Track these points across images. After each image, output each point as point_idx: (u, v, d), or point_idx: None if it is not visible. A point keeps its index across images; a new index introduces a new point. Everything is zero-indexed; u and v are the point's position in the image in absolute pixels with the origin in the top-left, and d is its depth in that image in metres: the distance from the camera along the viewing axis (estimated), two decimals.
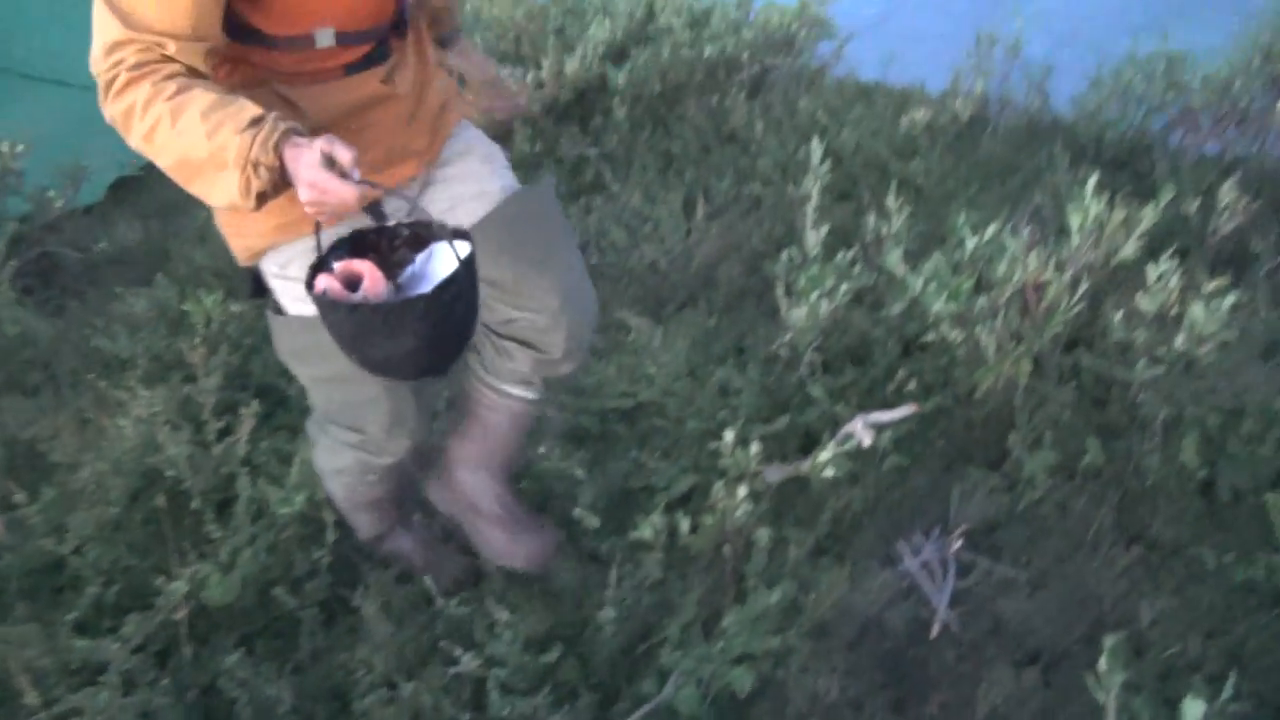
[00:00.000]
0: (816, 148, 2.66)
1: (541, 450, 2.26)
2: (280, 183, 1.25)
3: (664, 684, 1.75)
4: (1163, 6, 4.09)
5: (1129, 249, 2.26)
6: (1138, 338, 2.15)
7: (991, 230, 2.36)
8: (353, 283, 1.32)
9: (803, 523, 2.09)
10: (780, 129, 3.90)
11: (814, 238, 2.56)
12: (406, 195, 1.37)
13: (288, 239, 1.51)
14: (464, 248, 1.36)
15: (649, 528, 1.93)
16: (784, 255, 2.58)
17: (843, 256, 2.46)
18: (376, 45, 1.48)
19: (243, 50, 1.38)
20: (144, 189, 4.15)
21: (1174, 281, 2.17)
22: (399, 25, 1.51)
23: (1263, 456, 2.08)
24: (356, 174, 1.21)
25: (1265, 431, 2.12)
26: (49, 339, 2.98)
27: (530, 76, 3.89)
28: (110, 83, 1.25)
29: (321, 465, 1.89)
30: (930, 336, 2.32)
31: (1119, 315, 2.20)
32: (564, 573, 1.99)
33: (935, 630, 1.89)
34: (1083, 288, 2.21)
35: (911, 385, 2.37)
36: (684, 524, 1.94)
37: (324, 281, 1.33)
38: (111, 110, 1.26)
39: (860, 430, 1.94)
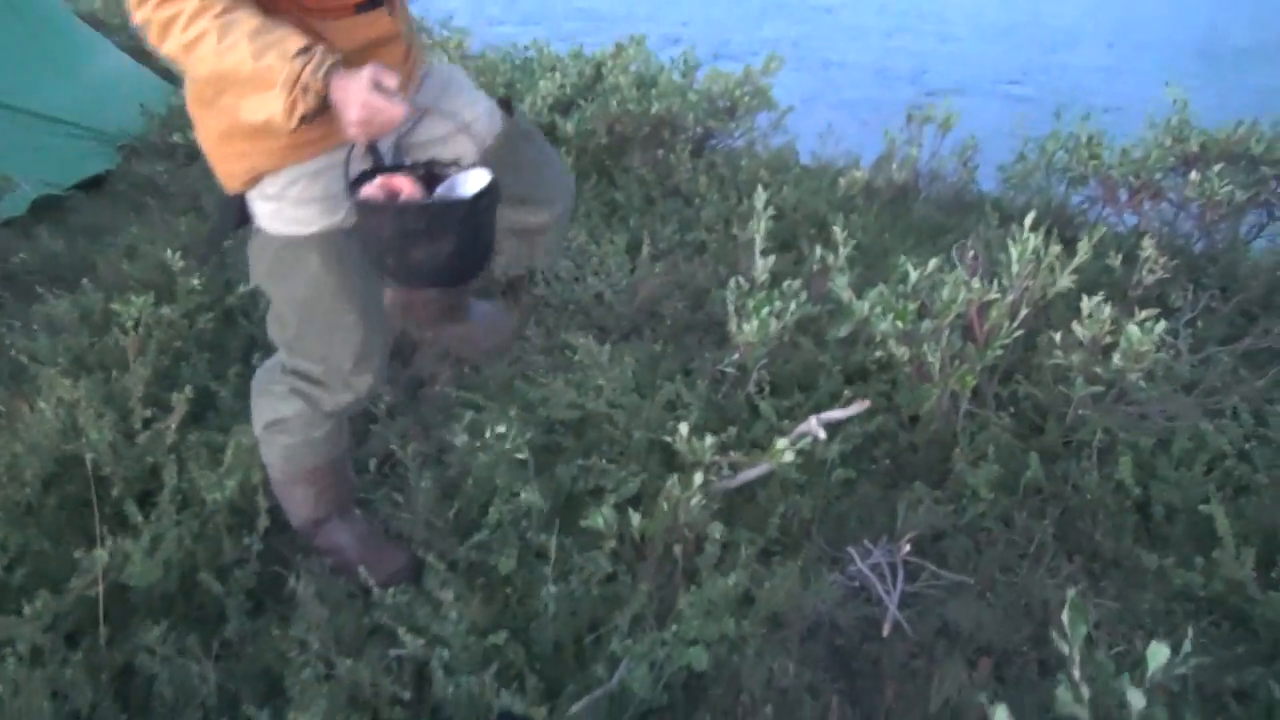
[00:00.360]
0: (761, 194, 2.73)
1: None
2: (322, 109, 1.39)
3: (614, 671, 1.68)
4: (1085, 90, 4.37)
5: (1064, 281, 2.36)
6: (1075, 360, 2.23)
7: (933, 264, 2.45)
8: (392, 196, 1.48)
9: (753, 527, 2.07)
10: (723, 184, 4.01)
11: (761, 265, 2.61)
12: (441, 108, 1.59)
13: (297, 160, 1.57)
14: (487, 174, 1.55)
15: (599, 518, 1.89)
16: (732, 282, 2.62)
17: (789, 285, 2.52)
18: None
19: None
20: (69, 209, 4.03)
21: (1106, 312, 2.28)
22: None
23: (1194, 477, 2.16)
24: (399, 96, 1.38)
25: (1194, 455, 2.21)
26: None
27: None
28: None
29: (265, 418, 1.84)
30: (878, 354, 2.36)
31: (1058, 335, 2.28)
32: (508, 564, 1.92)
33: (887, 629, 1.87)
34: (1023, 313, 2.29)
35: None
36: (635, 518, 1.91)
37: (369, 189, 1.48)
38: (151, 14, 1.34)
39: (814, 427, 1.95)
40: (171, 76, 5.99)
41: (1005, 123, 4.03)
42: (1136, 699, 1.21)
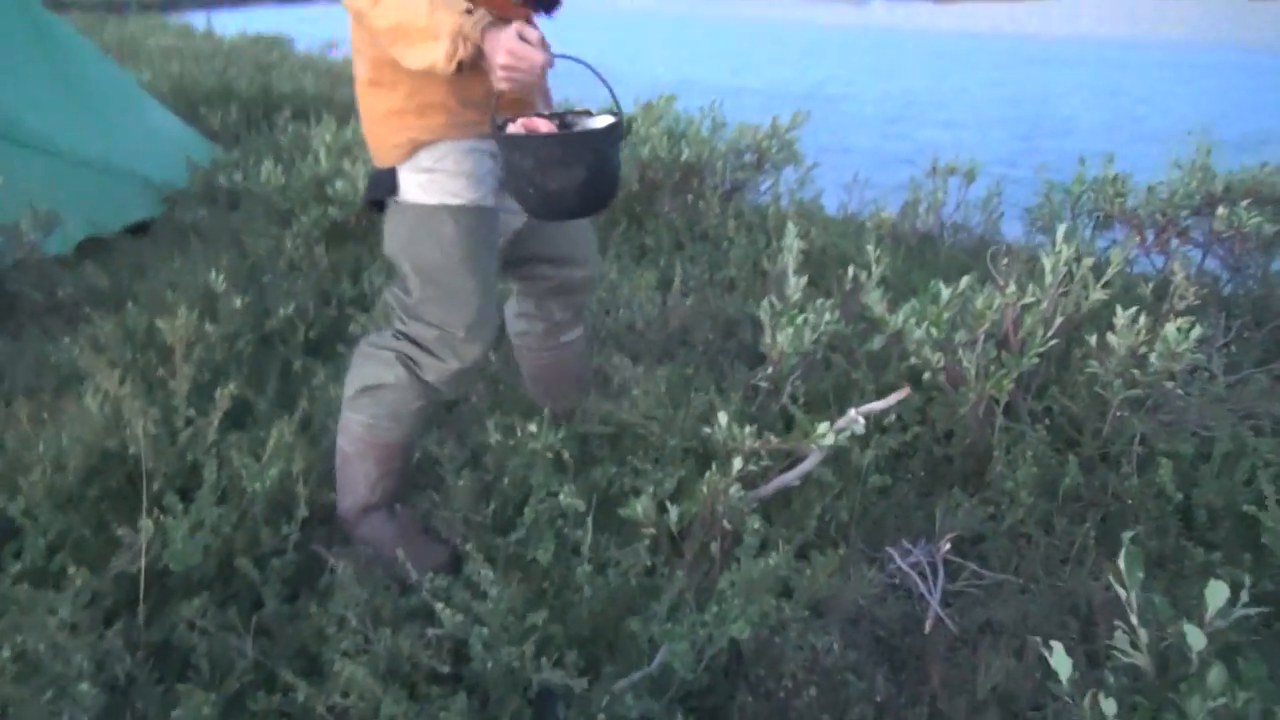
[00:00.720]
0: (791, 228, 2.79)
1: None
2: (476, 59, 1.63)
3: (654, 655, 1.66)
4: (1110, 134, 4.43)
5: (1097, 294, 2.38)
6: (1111, 364, 2.23)
7: (965, 280, 2.48)
8: (533, 132, 1.72)
9: (790, 526, 2.06)
10: (751, 230, 4.08)
11: (794, 283, 2.64)
12: (580, 59, 1.71)
13: (454, 137, 1.83)
14: (610, 117, 1.80)
15: (637, 507, 1.88)
16: (765, 301, 2.65)
17: (821, 303, 2.54)
18: (539, 6, 1.90)
19: None
20: (114, 249, 4.14)
21: (1141, 320, 2.28)
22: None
23: (1235, 484, 2.13)
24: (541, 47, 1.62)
25: (1235, 462, 2.19)
26: (1, 354, 2.89)
27: None
28: None
29: (363, 382, 1.98)
30: (912, 362, 2.37)
31: (1094, 340, 2.29)
32: (546, 555, 1.91)
33: (929, 624, 1.84)
34: (1057, 322, 2.30)
35: (891, 418, 2.40)
36: (673, 512, 1.91)
37: (514, 127, 1.72)
38: None
39: (855, 416, 1.95)
40: (215, 135, 6.22)
41: (1028, 168, 4.09)
42: (1196, 639, 1.19)
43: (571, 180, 1.70)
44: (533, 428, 2.08)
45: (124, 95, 5.28)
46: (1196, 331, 2.19)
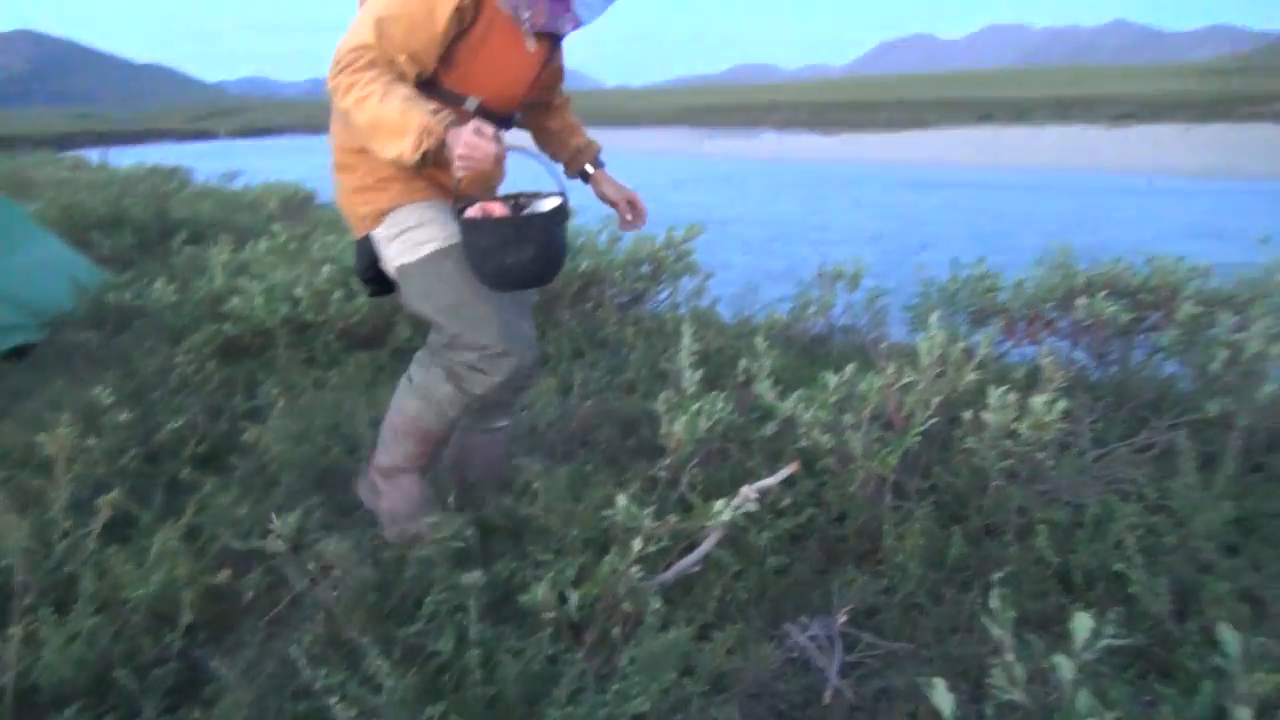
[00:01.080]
0: (687, 326, 2.90)
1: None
2: (438, 153, 1.89)
3: None
4: (971, 249, 4.75)
5: (971, 375, 2.53)
6: (986, 437, 2.35)
7: (850, 369, 2.61)
8: (489, 215, 1.97)
9: (692, 607, 2.07)
10: (650, 336, 4.19)
11: (689, 376, 2.72)
12: (534, 153, 2.08)
13: (410, 201, 2.15)
14: (558, 199, 2.06)
15: (537, 592, 1.88)
16: (662, 394, 2.72)
17: (716, 394, 2.63)
18: (499, 122, 2.15)
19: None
20: None
21: (1012, 399, 2.43)
22: (510, 123, 2.28)
23: (1106, 547, 2.24)
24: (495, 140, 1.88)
25: (1106, 527, 2.31)
26: None
27: None
28: (350, 63, 1.92)
29: (420, 379, 2.28)
30: (803, 444, 2.45)
31: (969, 417, 2.41)
32: (447, 645, 1.88)
33: (828, 696, 1.86)
34: (935, 401, 2.43)
35: (786, 502, 2.46)
36: (574, 597, 1.91)
37: (472, 211, 1.98)
38: (340, 79, 1.93)
39: (749, 493, 2.00)
40: (106, 261, 6.12)
41: (908, 268, 4.34)
42: (1067, 669, 1.25)
43: (523, 255, 1.94)
44: (434, 518, 2.07)
45: (5, 224, 5.18)
46: (1061, 404, 2.34)
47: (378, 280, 2.32)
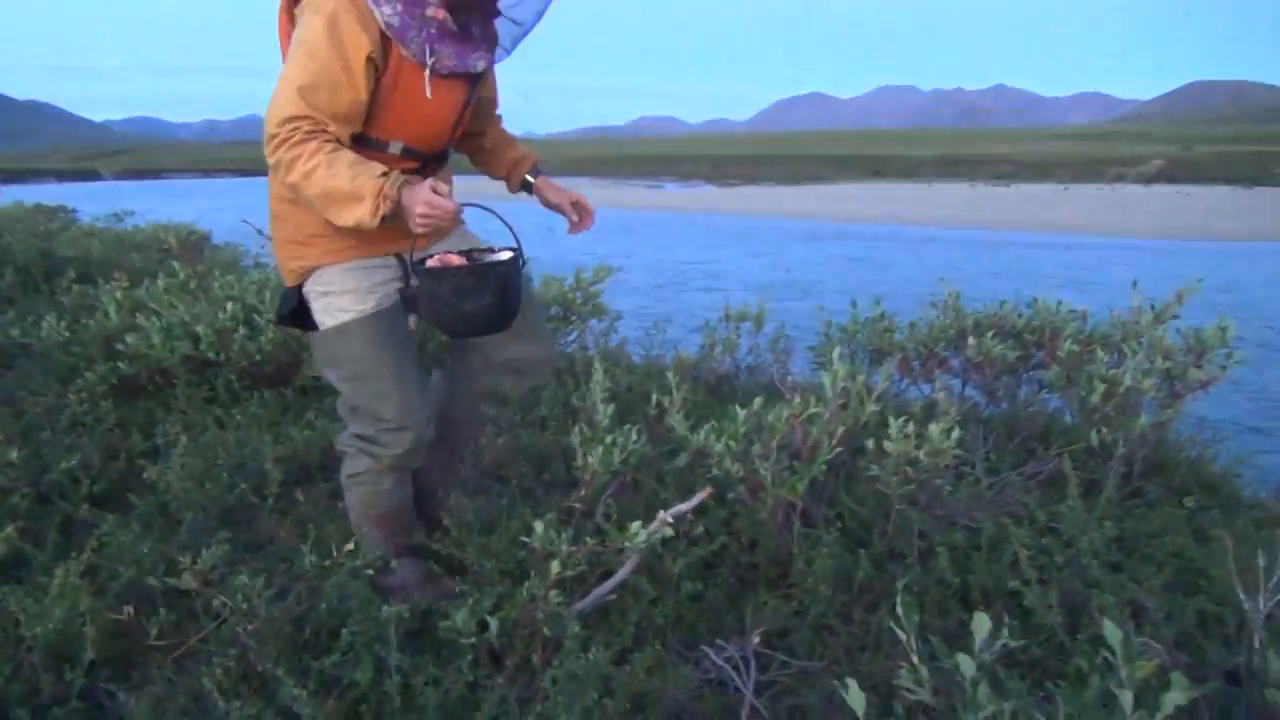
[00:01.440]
0: (598, 364, 2.95)
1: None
2: (395, 212, 1.92)
3: None
4: (869, 287, 4.95)
5: (873, 406, 2.65)
6: (888, 463, 2.47)
7: (759, 401, 2.70)
8: (447, 265, 2.06)
9: (610, 633, 2.10)
10: (560, 374, 4.22)
11: (603, 410, 2.78)
12: (489, 206, 2.07)
13: (332, 261, 2.18)
14: (512, 250, 2.18)
15: (456, 619, 1.88)
16: (576, 428, 2.76)
17: (628, 427, 2.68)
18: (425, 164, 2.22)
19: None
20: None
21: (911, 428, 2.55)
22: (443, 157, 2.31)
23: (1002, 566, 2.37)
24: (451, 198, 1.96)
25: (1001, 549, 2.44)
26: None
27: None
28: (286, 139, 1.92)
29: (346, 471, 2.33)
30: (714, 473, 2.52)
31: (871, 445, 2.52)
32: (365, 675, 1.86)
33: (745, 715, 1.91)
34: (839, 431, 2.53)
35: (699, 530, 2.52)
36: (493, 624, 1.92)
37: (431, 262, 2.05)
38: (281, 155, 1.92)
39: (664, 517, 2.05)
40: None
41: (809, 312, 4.50)
42: (968, 666, 1.33)
43: (481, 303, 2.02)
44: (350, 546, 2.05)
45: None
46: (956, 433, 2.48)
47: (295, 322, 2.31)
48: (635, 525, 2.05)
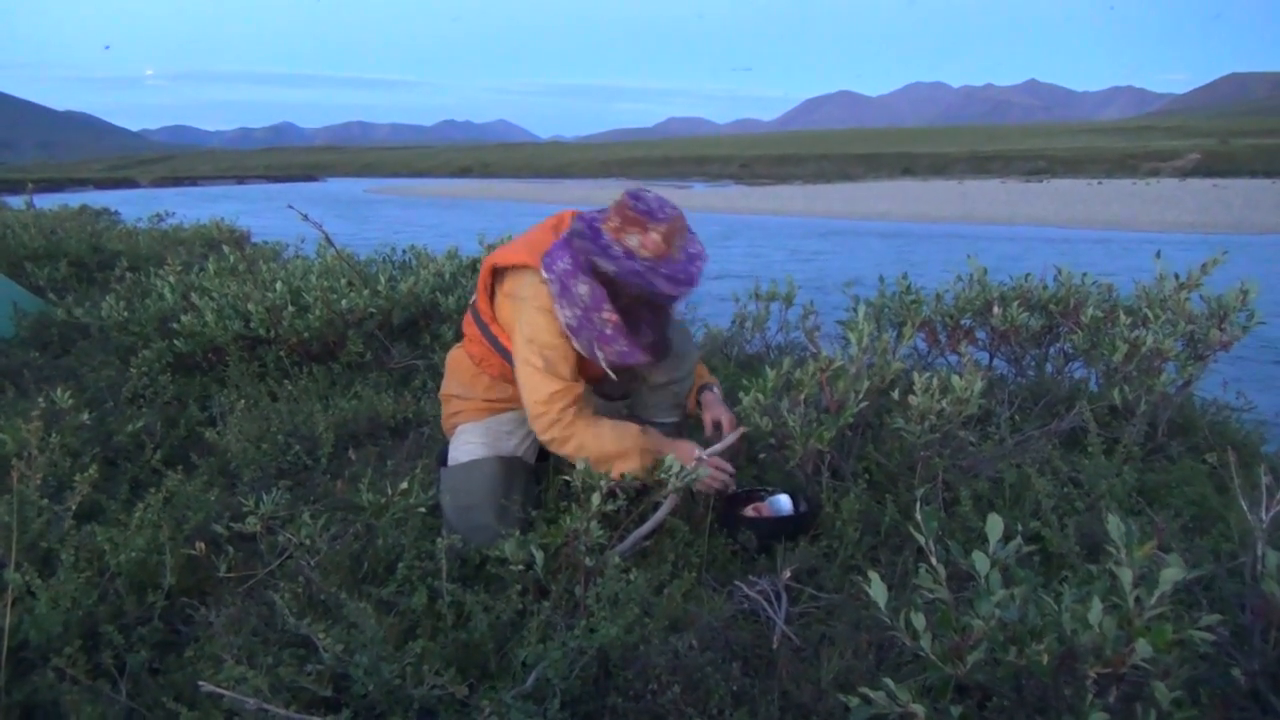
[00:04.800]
0: None
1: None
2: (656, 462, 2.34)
3: (528, 676, 1.76)
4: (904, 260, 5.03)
5: (898, 363, 2.75)
6: (913, 415, 2.57)
7: (787, 362, 2.81)
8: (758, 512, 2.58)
9: (648, 569, 2.22)
10: None
11: None
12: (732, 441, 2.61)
13: (475, 418, 2.68)
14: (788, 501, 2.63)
15: (506, 547, 2.01)
16: None
17: None
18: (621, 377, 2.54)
19: None
20: None
21: (934, 383, 2.65)
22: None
23: (1024, 512, 2.46)
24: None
25: (1023, 495, 2.53)
26: None
27: (366, 294, 4.23)
28: (556, 419, 2.36)
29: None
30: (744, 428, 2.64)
31: (896, 396, 2.63)
32: (420, 600, 1.99)
33: (776, 640, 2.02)
34: (865, 385, 2.64)
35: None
36: (539, 556, 2.05)
37: (749, 510, 2.57)
38: (554, 434, 2.37)
39: (700, 455, 2.17)
40: (40, 291, 6.08)
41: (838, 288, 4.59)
42: (983, 563, 1.44)
43: (774, 536, 2.44)
44: (404, 486, 2.19)
45: None
46: (980, 385, 2.57)
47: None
48: (670, 458, 2.17)
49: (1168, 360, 3.25)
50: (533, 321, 2.37)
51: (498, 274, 2.52)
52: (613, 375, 2.42)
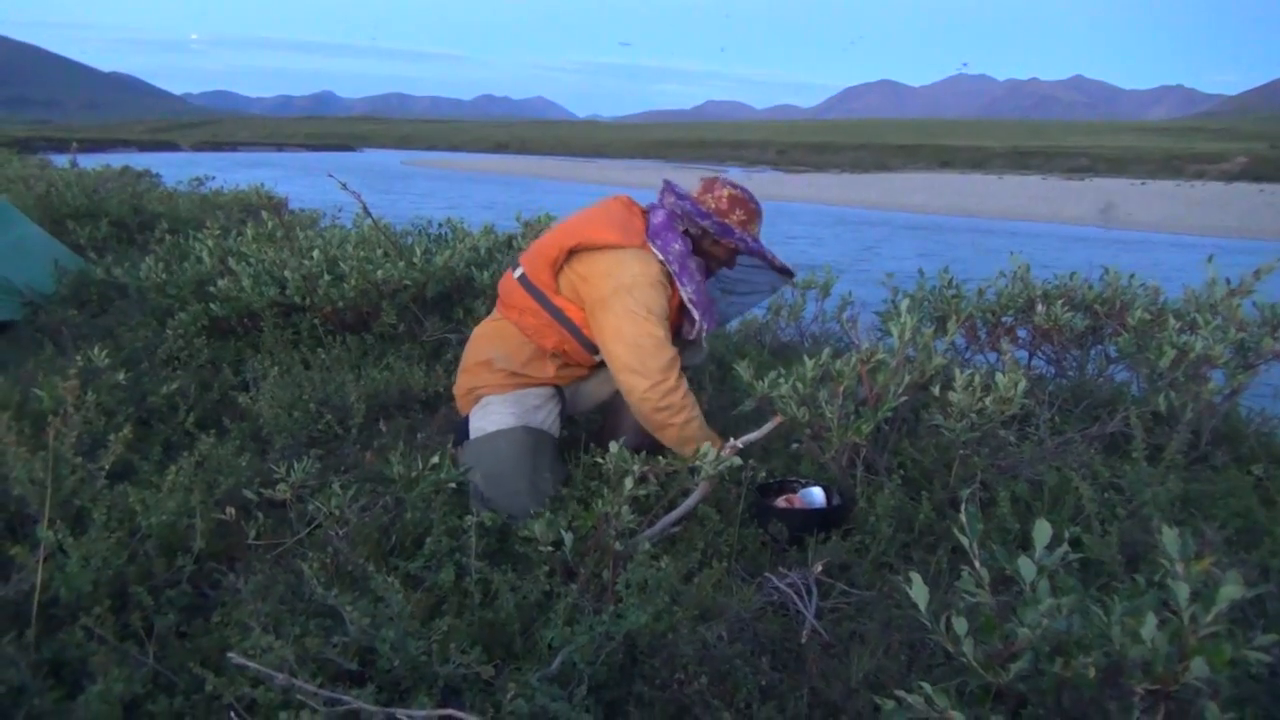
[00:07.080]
0: None
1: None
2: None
3: (555, 658, 1.74)
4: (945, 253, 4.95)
5: (939, 359, 2.69)
6: (955, 404, 2.51)
7: (826, 352, 2.76)
8: (789, 504, 2.54)
9: (678, 557, 2.19)
10: None
11: None
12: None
13: (500, 391, 2.68)
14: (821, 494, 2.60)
15: (535, 527, 1.99)
16: None
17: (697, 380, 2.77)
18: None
19: None
20: None
21: (976, 380, 2.59)
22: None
23: (1063, 517, 2.41)
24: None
25: (1063, 498, 2.47)
26: None
27: (402, 265, 4.22)
28: (675, 387, 2.48)
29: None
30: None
31: (937, 391, 2.57)
32: (448, 576, 1.98)
33: (805, 634, 1.99)
34: (906, 379, 2.59)
35: (763, 473, 2.60)
36: (568, 538, 2.02)
37: (780, 501, 2.53)
38: (677, 400, 2.48)
39: (735, 444, 2.13)
40: (81, 249, 6.13)
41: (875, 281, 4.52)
42: (1028, 569, 1.39)
43: (804, 528, 2.41)
44: (434, 460, 2.17)
45: None
46: (1023, 384, 2.51)
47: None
48: (706, 446, 2.14)
49: (1215, 367, 3.17)
50: (647, 296, 2.50)
51: (574, 252, 2.57)
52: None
